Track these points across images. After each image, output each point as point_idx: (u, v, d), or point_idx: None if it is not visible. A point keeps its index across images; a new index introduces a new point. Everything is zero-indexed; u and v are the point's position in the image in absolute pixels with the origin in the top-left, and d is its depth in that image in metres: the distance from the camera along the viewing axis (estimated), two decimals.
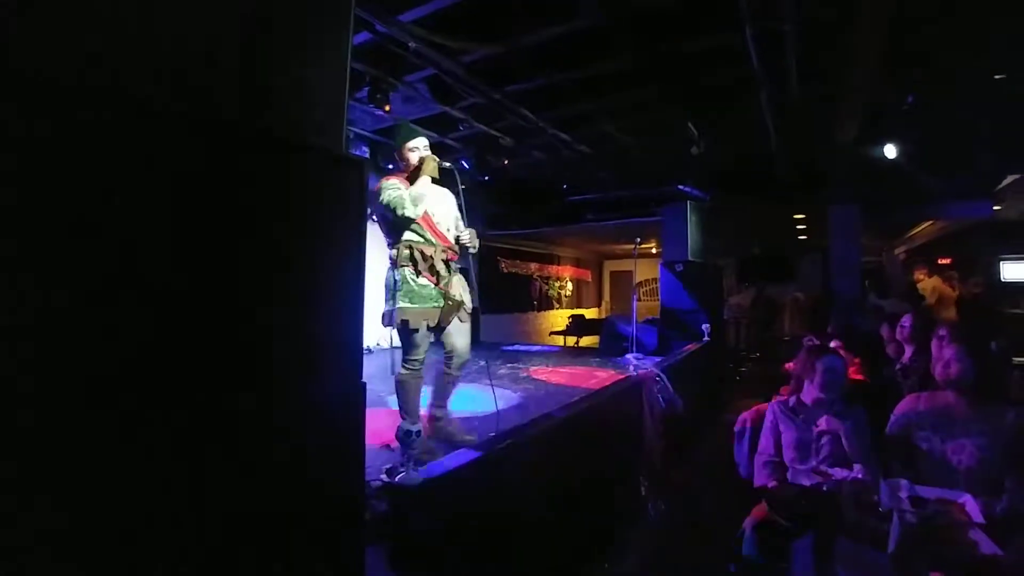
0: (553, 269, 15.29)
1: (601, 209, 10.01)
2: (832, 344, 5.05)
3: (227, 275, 1.27)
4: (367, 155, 6.68)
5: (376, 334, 8.17)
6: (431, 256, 3.04)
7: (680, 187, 8.47)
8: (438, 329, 3.13)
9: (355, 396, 1.57)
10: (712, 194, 8.84)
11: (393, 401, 3.27)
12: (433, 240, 3.09)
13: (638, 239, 7.24)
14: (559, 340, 11.53)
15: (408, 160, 3.14)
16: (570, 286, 16.26)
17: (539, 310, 14.21)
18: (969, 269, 10.35)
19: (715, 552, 2.57)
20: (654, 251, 13.53)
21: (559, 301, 15.45)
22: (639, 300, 7.02)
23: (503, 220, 10.45)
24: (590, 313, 15.06)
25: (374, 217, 3.09)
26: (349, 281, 1.58)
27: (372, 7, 3.70)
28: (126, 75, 1.16)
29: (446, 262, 3.12)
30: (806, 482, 2.46)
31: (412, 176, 3.08)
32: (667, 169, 8.05)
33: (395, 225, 3.01)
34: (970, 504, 1.95)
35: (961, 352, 2.32)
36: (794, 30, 3.91)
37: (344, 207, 1.59)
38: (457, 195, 3.29)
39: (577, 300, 16.57)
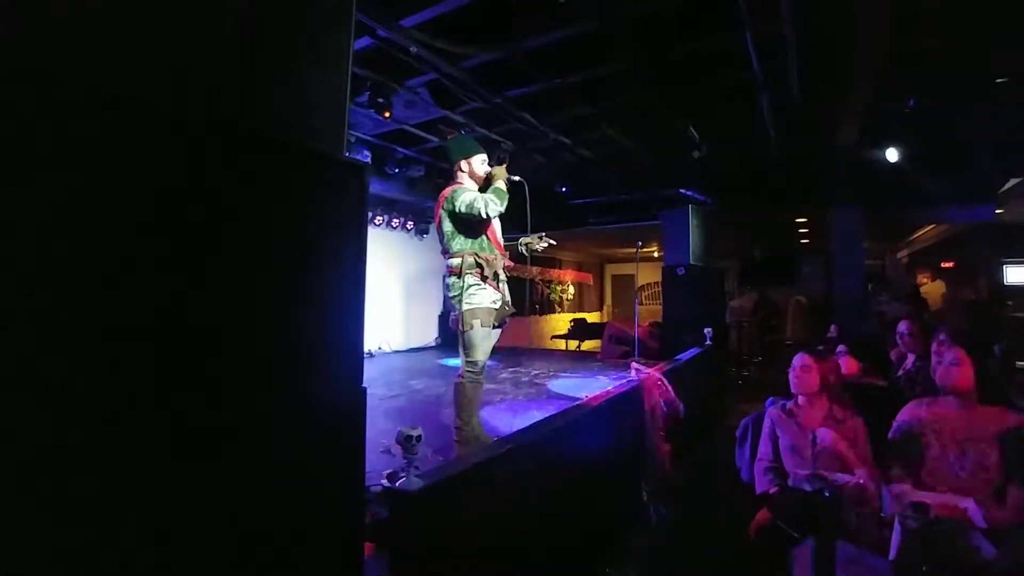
0: (555, 273, 15.29)
1: (603, 213, 10.01)
2: (838, 349, 5.05)
3: (228, 279, 1.28)
4: (368, 159, 6.69)
5: (377, 338, 8.19)
6: (494, 263, 3.23)
7: (682, 191, 8.47)
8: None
9: (356, 401, 1.57)
10: (714, 197, 8.85)
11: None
12: (494, 249, 3.27)
13: (640, 243, 7.23)
14: (561, 344, 11.51)
15: (474, 171, 3.31)
16: (572, 290, 16.26)
17: (541, 314, 14.21)
18: (972, 273, 10.33)
19: (717, 556, 2.56)
20: (656, 255, 13.53)
21: (561, 305, 15.44)
22: (641, 304, 7.02)
23: (504, 223, 10.43)
24: (592, 317, 15.03)
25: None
26: (350, 286, 1.59)
27: (373, 12, 3.71)
28: (126, 79, 1.16)
29: (504, 269, 3.32)
30: (807, 487, 2.46)
31: (483, 187, 3.27)
32: (669, 172, 8.06)
33: (470, 228, 3.17)
34: (972, 509, 1.95)
35: (961, 357, 2.31)
36: (795, 34, 3.92)
37: (346, 211, 1.59)
38: (525, 207, 3.48)
39: (579, 304, 16.57)
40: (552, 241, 3.52)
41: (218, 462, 1.23)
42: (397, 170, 7.20)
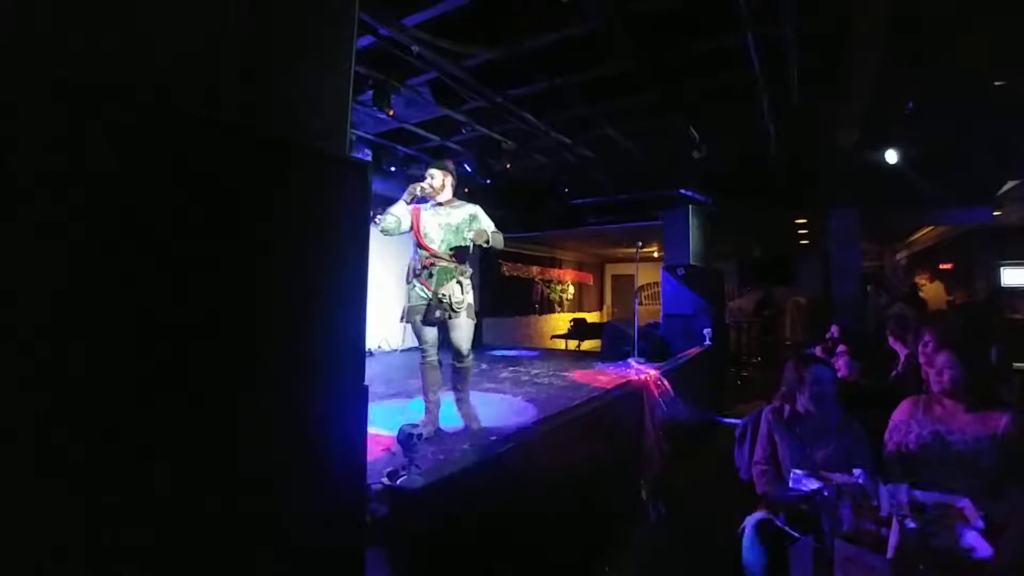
0: (555, 272, 15.30)
1: (603, 213, 10.02)
2: (838, 350, 5.06)
3: (229, 277, 1.29)
4: (370, 158, 6.69)
5: (377, 337, 8.19)
6: (414, 263, 3.76)
7: (682, 191, 8.48)
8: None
9: (357, 399, 1.58)
10: (714, 198, 8.85)
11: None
12: (420, 250, 3.74)
13: (640, 243, 7.25)
14: (561, 344, 11.52)
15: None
16: (572, 290, 16.26)
17: (540, 313, 14.21)
18: (969, 274, 10.35)
19: (716, 556, 2.57)
20: (656, 255, 13.54)
21: (561, 305, 15.45)
22: (641, 304, 7.03)
23: (505, 223, 10.43)
24: (592, 317, 15.05)
25: (376, 220, 3.49)
26: (352, 284, 1.59)
27: (376, 11, 3.72)
28: (126, 77, 1.17)
29: (431, 266, 3.70)
30: (806, 486, 2.46)
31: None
32: (669, 173, 8.07)
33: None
34: (969, 508, 1.96)
35: (951, 358, 2.33)
36: (795, 35, 3.93)
37: (348, 210, 1.60)
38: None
39: (579, 304, 16.57)
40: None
41: (220, 460, 1.24)
42: (397, 169, 7.20)
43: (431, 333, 3.80)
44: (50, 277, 0.98)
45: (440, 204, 3.78)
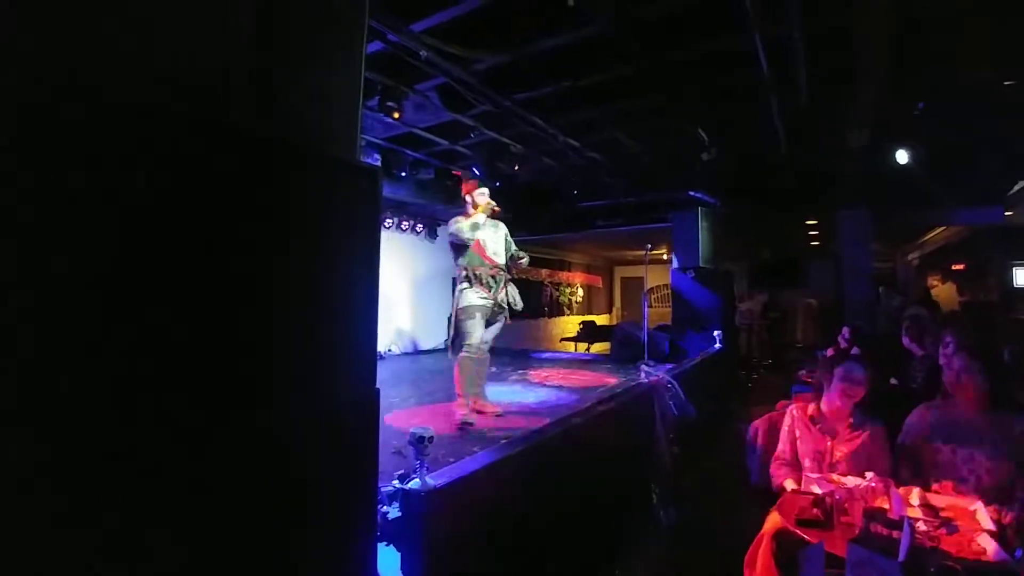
0: (564, 275, 15.27)
1: (612, 215, 9.98)
2: (852, 352, 5.03)
3: (243, 281, 1.30)
4: (379, 162, 6.72)
5: (389, 339, 8.22)
6: (480, 272, 4.15)
7: (691, 193, 8.45)
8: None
9: (369, 401, 1.59)
10: (723, 200, 8.81)
11: None
12: (483, 261, 4.19)
13: (649, 245, 7.22)
14: (570, 346, 11.50)
15: (475, 202, 4.28)
16: (581, 292, 16.23)
17: (550, 316, 14.19)
18: (982, 275, 10.24)
19: (726, 559, 2.56)
20: (665, 257, 13.48)
21: (570, 307, 15.42)
22: (650, 306, 7.00)
23: (513, 226, 10.43)
24: (601, 319, 15.02)
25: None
26: (364, 287, 1.61)
27: (384, 18, 3.74)
28: (139, 82, 1.19)
29: (494, 278, 4.20)
30: (819, 489, 2.46)
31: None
32: (678, 175, 8.04)
33: (460, 248, 4.15)
34: (981, 511, 1.94)
35: (968, 361, 2.31)
36: (803, 36, 3.92)
37: (359, 215, 1.61)
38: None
39: (588, 306, 16.54)
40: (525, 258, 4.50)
41: (235, 461, 1.26)
42: (406, 173, 7.23)
43: (489, 332, 4.24)
44: (65, 281, 0.99)
45: (487, 219, 4.29)
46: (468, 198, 4.35)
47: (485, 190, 4.38)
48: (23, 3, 1.01)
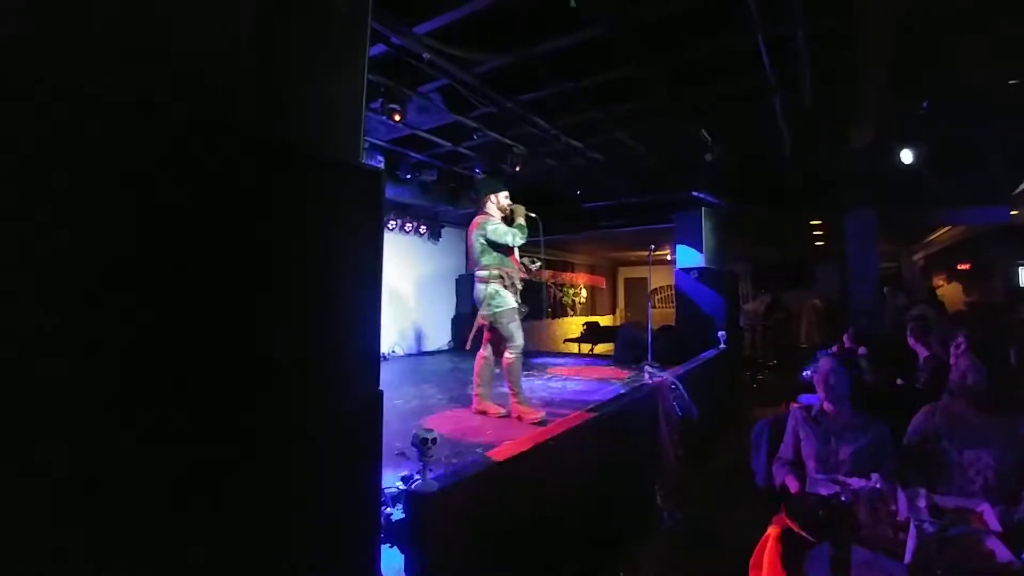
0: (567, 276, 15.26)
1: (615, 216, 9.97)
2: (859, 352, 5.01)
3: (244, 282, 1.30)
4: (382, 164, 6.73)
5: (392, 341, 8.23)
6: (512, 275, 4.18)
7: (695, 193, 8.43)
8: None
9: (372, 403, 1.59)
10: (727, 200, 8.80)
11: None
12: (512, 264, 4.23)
13: (652, 246, 7.21)
14: (573, 347, 11.49)
15: (500, 204, 4.28)
16: (584, 293, 16.21)
17: (553, 317, 14.18)
18: (987, 275, 10.19)
19: (731, 560, 2.56)
20: (668, 258, 13.46)
21: (573, 308, 15.41)
22: (654, 307, 7.00)
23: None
24: (604, 320, 14.99)
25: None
26: (367, 288, 1.61)
27: (387, 20, 3.75)
28: (146, 84, 1.19)
29: (519, 280, 4.27)
30: (824, 491, 2.44)
31: (505, 216, 4.26)
32: (681, 175, 8.02)
33: (498, 250, 4.13)
34: (988, 513, 1.93)
35: (974, 362, 2.30)
36: (806, 36, 3.91)
37: (362, 217, 1.61)
38: (539, 239, 4.37)
39: (591, 307, 16.52)
40: (538, 263, 4.56)
41: (238, 463, 1.26)
42: (410, 175, 7.24)
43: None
44: (71, 285, 1.00)
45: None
46: (493, 199, 4.31)
47: (507, 192, 4.42)
48: (24, 3, 1.02)
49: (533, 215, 4.31)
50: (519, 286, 4.26)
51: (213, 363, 1.21)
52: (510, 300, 4.13)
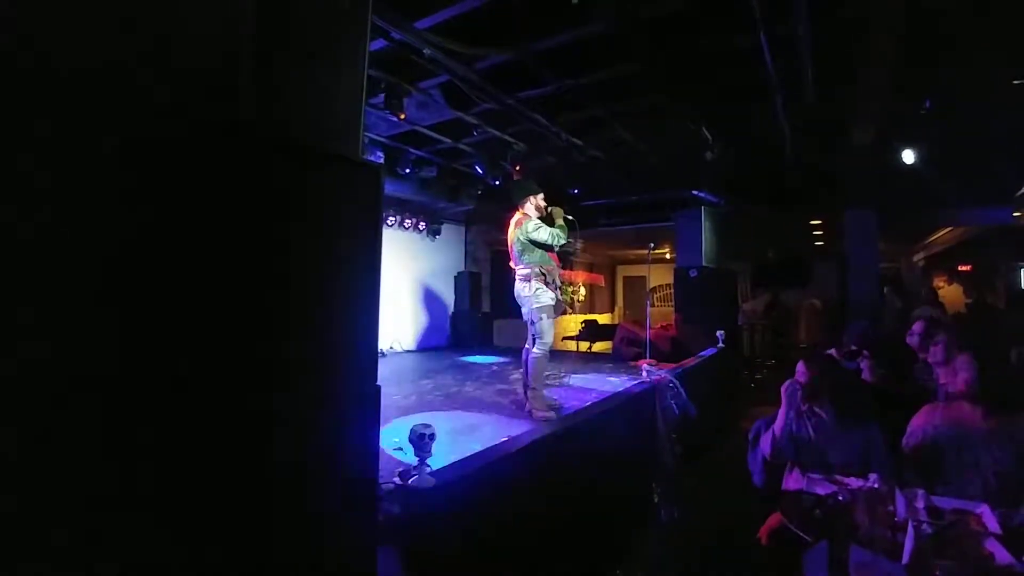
0: (566, 274, 15.18)
1: (614, 214, 9.97)
2: (860, 352, 4.99)
3: (242, 278, 1.29)
4: (381, 160, 6.72)
5: (389, 338, 8.23)
6: (552, 272, 4.31)
7: (694, 192, 8.42)
8: None
9: (370, 399, 1.59)
10: (727, 199, 8.79)
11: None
12: (552, 262, 4.34)
13: (652, 244, 7.20)
14: (572, 345, 11.48)
15: (538, 205, 4.34)
16: (583, 291, 16.18)
17: None
18: (989, 276, 10.19)
19: (728, 559, 2.56)
20: (668, 256, 13.46)
21: (572, 306, 15.37)
22: (653, 306, 7.00)
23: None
24: (603, 318, 14.98)
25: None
26: (365, 286, 1.60)
27: (388, 15, 3.73)
28: (144, 80, 1.18)
29: (558, 277, 4.42)
30: (821, 491, 2.44)
31: (543, 216, 4.34)
32: (681, 174, 8.01)
33: (539, 248, 4.22)
34: (987, 514, 1.93)
35: (968, 361, 2.29)
36: (808, 33, 3.89)
37: (361, 212, 1.61)
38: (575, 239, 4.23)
39: (590, 305, 16.50)
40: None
41: (237, 458, 1.25)
42: (409, 171, 7.22)
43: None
44: (68, 282, 0.99)
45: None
46: (531, 200, 4.35)
47: (543, 194, 4.49)
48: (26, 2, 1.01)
49: (571, 217, 4.43)
50: (559, 283, 4.43)
51: (208, 359, 1.21)
52: (547, 298, 4.25)
